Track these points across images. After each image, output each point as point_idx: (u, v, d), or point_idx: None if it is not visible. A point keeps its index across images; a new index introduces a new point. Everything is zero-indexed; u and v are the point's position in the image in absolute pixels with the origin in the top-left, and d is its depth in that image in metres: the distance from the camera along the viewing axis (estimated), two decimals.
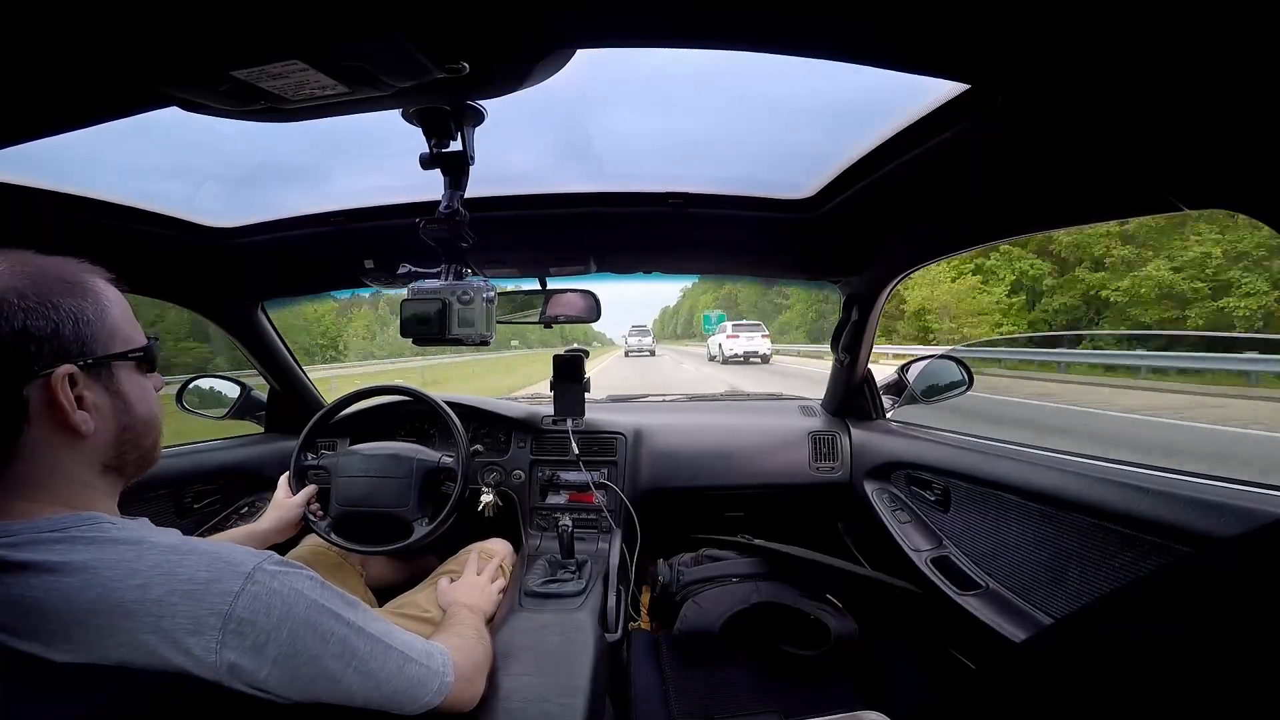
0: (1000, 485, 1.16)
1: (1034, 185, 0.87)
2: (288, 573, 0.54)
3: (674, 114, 0.96)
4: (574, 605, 1.16)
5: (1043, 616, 1.03)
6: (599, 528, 1.50)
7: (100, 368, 0.53)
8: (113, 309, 0.55)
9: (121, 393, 0.54)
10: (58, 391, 0.48)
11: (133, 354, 0.56)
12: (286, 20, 0.48)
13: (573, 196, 1.15)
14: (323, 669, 0.53)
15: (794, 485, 1.67)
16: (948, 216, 1.07)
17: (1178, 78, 0.52)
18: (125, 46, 0.52)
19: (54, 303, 0.49)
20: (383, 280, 1.29)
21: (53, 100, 0.61)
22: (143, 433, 0.57)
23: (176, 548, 0.51)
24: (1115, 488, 0.91)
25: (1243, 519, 0.73)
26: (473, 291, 0.83)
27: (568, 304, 1.42)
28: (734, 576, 1.55)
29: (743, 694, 1.38)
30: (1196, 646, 0.50)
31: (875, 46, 0.56)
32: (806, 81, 0.75)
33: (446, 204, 0.82)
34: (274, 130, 0.69)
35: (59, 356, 0.49)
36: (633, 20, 0.54)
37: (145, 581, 0.47)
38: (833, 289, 1.60)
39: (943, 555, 1.30)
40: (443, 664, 0.67)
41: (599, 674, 0.98)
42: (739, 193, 1.16)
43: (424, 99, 0.68)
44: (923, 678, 1.39)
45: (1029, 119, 0.70)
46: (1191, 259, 14.57)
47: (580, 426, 1.60)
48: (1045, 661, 0.74)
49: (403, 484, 1.29)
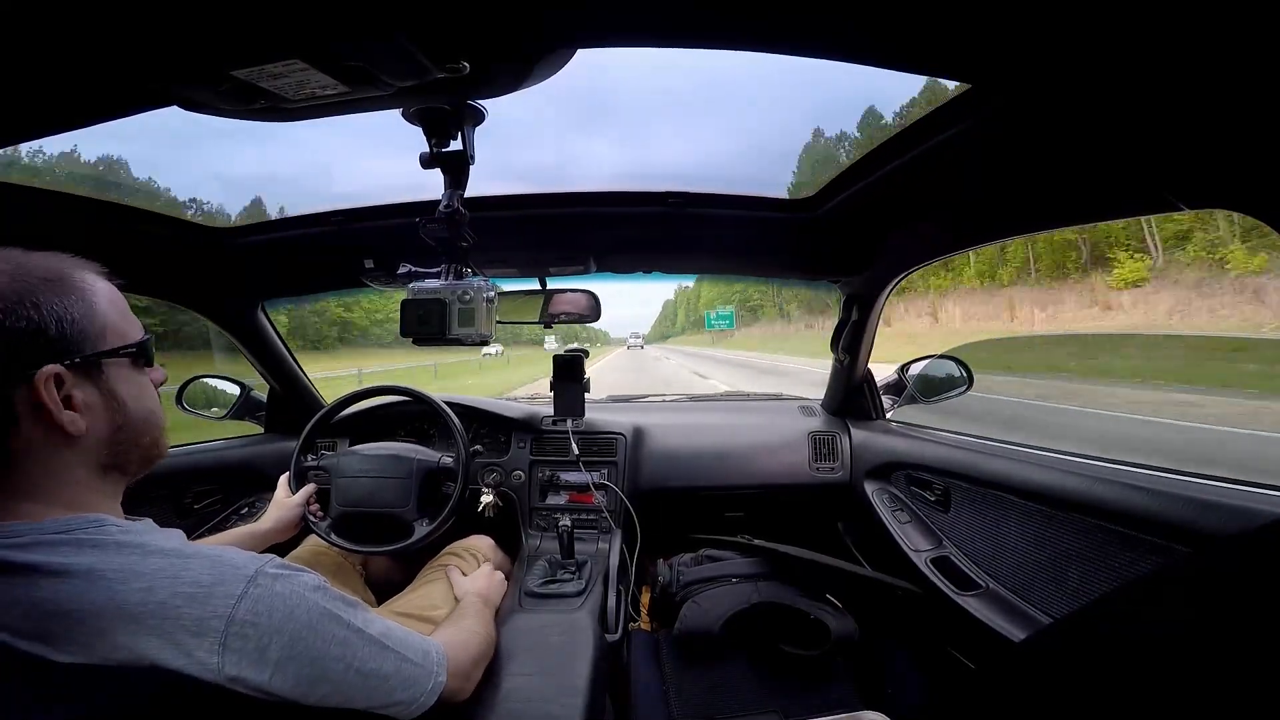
0: (1000, 485, 1.16)
1: (1034, 185, 0.87)
2: (290, 575, 0.54)
3: (673, 114, 0.96)
4: (574, 605, 1.16)
5: (1042, 616, 1.03)
6: (599, 528, 1.50)
7: (89, 366, 0.51)
8: (101, 305, 0.53)
9: (114, 391, 0.53)
10: (42, 393, 0.47)
11: (125, 350, 0.54)
12: (286, 20, 0.48)
13: (573, 196, 1.15)
14: (324, 671, 0.53)
15: (794, 485, 1.67)
16: (948, 216, 1.07)
17: (1177, 77, 0.52)
18: (125, 46, 0.52)
19: (34, 301, 0.48)
20: (383, 280, 1.29)
21: (53, 100, 0.61)
22: (140, 430, 0.56)
23: (180, 551, 0.51)
24: (1115, 487, 0.91)
25: (1243, 519, 0.74)
26: (473, 291, 0.83)
27: (568, 303, 1.41)
28: (734, 576, 1.54)
29: (743, 694, 1.38)
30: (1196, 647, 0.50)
31: (875, 46, 0.56)
32: (806, 81, 0.75)
33: (446, 203, 0.82)
34: (274, 130, 0.69)
35: (43, 357, 0.48)
36: (633, 20, 0.54)
37: (149, 584, 0.47)
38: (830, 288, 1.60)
39: (943, 555, 1.30)
40: (438, 663, 0.67)
41: (599, 674, 0.98)
42: (739, 192, 1.16)
43: (424, 99, 0.68)
44: (923, 678, 1.39)
45: (1029, 119, 0.70)
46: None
47: (580, 427, 1.60)
48: (1045, 661, 0.74)
49: (403, 484, 1.29)
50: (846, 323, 1.56)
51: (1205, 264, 17.13)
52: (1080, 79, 0.57)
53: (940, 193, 0.99)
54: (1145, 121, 0.62)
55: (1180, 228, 18.22)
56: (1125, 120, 0.63)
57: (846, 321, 1.55)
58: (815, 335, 30.03)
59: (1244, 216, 0.62)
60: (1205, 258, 17.16)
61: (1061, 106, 0.64)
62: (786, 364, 19.75)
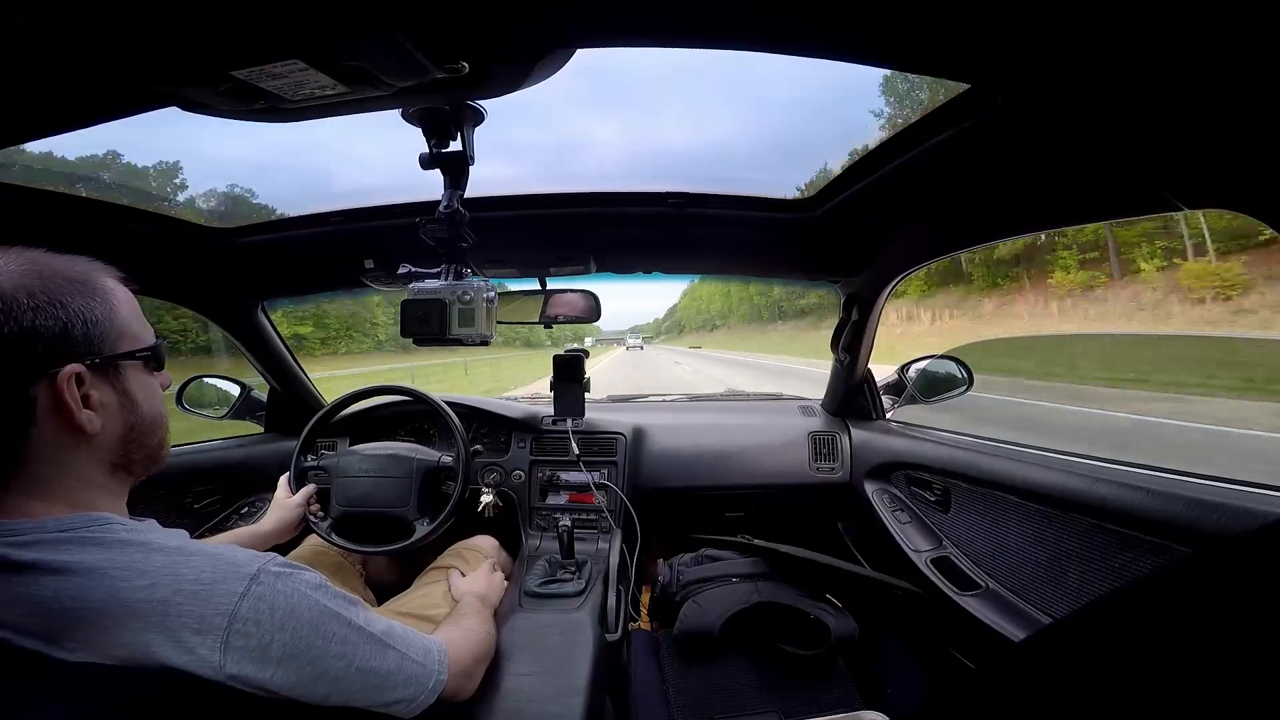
0: (1000, 485, 1.16)
1: (1034, 185, 0.87)
2: (291, 574, 0.54)
3: (674, 114, 0.96)
4: (574, 605, 1.16)
5: (1042, 617, 1.03)
6: (599, 528, 1.50)
7: (108, 367, 0.53)
8: (122, 308, 0.55)
9: (128, 392, 0.55)
10: (64, 391, 0.48)
11: (140, 353, 0.56)
12: (286, 20, 0.48)
13: (573, 196, 1.15)
14: (325, 669, 0.54)
15: (794, 485, 1.67)
16: (947, 216, 1.07)
17: (1177, 77, 0.52)
18: (126, 46, 0.52)
19: (63, 302, 0.49)
20: (383, 280, 1.29)
21: (53, 100, 0.61)
22: (149, 431, 0.57)
23: (183, 549, 0.51)
24: (1115, 488, 0.91)
25: (1243, 519, 0.73)
26: (473, 291, 0.83)
27: (568, 304, 1.41)
28: (734, 576, 1.54)
29: (742, 694, 1.38)
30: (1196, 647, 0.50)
31: (875, 46, 0.56)
32: (807, 81, 0.75)
33: (446, 204, 0.82)
34: (274, 130, 0.69)
35: (66, 356, 0.49)
36: (633, 20, 0.54)
37: (152, 581, 0.47)
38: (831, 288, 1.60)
39: (943, 555, 1.30)
40: (439, 661, 0.67)
41: (599, 674, 0.98)
42: (739, 193, 1.16)
43: (424, 99, 0.68)
44: (922, 678, 1.38)
45: (1029, 119, 0.70)
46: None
47: (580, 427, 1.60)
48: (1045, 661, 0.74)
49: (403, 484, 1.29)
50: (846, 323, 1.55)
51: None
52: (1080, 79, 0.57)
53: (940, 193, 0.99)
54: (1145, 121, 0.61)
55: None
56: (1125, 120, 0.63)
57: (846, 321, 1.55)
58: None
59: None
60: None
61: (1061, 106, 0.64)
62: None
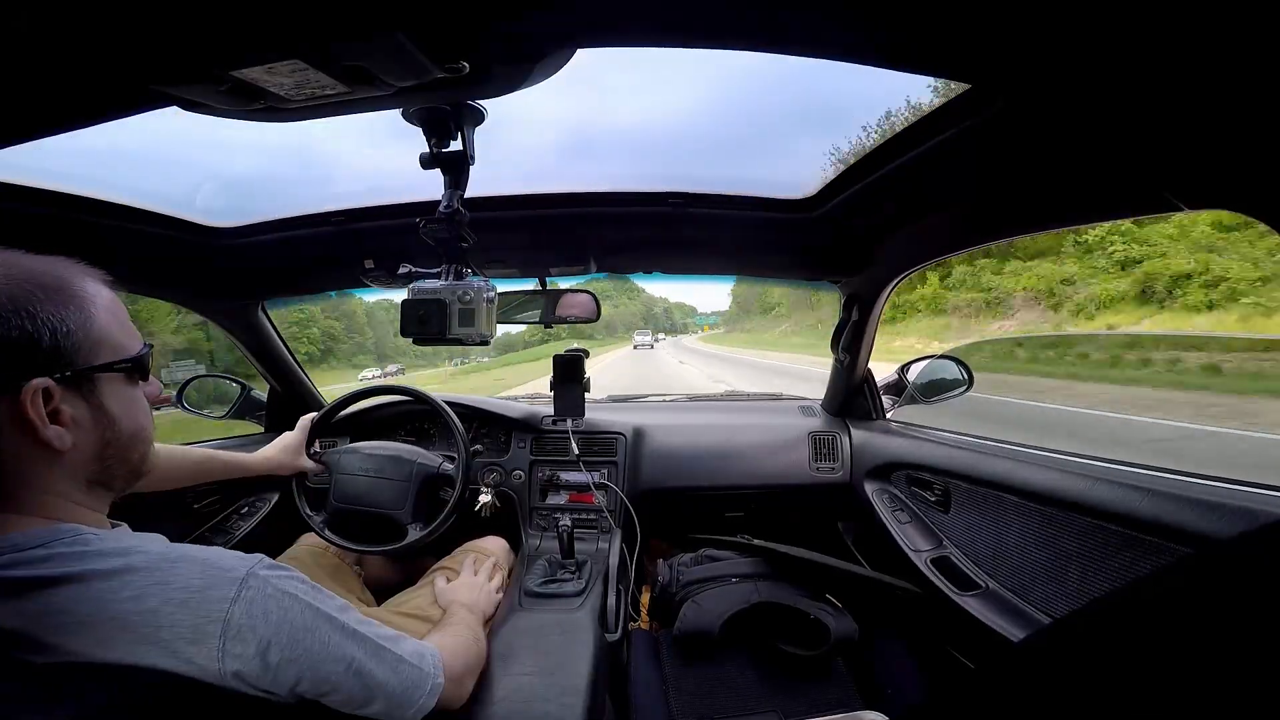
0: (1000, 486, 1.16)
1: (1034, 185, 0.87)
2: (280, 576, 0.53)
3: (674, 114, 0.96)
4: (574, 605, 1.16)
5: (1042, 617, 1.03)
6: (599, 528, 1.50)
7: (81, 380, 0.49)
8: (100, 315, 0.51)
9: (104, 407, 0.51)
10: (27, 407, 0.45)
11: (120, 365, 0.52)
12: (286, 20, 0.48)
13: (573, 196, 1.15)
14: (324, 673, 0.53)
15: (794, 486, 1.67)
16: (947, 216, 1.07)
17: (1177, 78, 0.52)
18: (126, 46, 0.51)
19: (30, 310, 0.46)
20: (383, 280, 1.29)
21: (53, 100, 0.61)
22: (128, 446, 0.54)
23: (166, 555, 0.49)
24: (1115, 488, 0.91)
25: (1243, 519, 0.73)
26: (473, 291, 0.83)
27: (568, 304, 1.42)
28: (734, 576, 1.54)
29: (742, 694, 1.38)
30: (1196, 647, 0.50)
31: (876, 46, 0.56)
32: (807, 81, 0.75)
33: (446, 204, 0.82)
34: (274, 130, 0.69)
35: (32, 369, 0.46)
36: (633, 20, 0.53)
37: (138, 593, 0.46)
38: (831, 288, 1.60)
39: (943, 556, 1.30)
40: (434, 665, 0.67)
41: (599, 674, 0.98)
42: (739, 193, 1.16)
43: (424, 99, 0.68)
44: (922, 678, 1.38)
45: (1029, 119, 0.70)
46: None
47: (580, 427, 1.60)
48: (1045, 661, 0.74)
49: (401, 487, 1.29)
50: (846, 323, 1.55)
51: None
52: (1080, 79, 0.57)
53: (940, 193, 0.99)
54: (1145, 122, 0.61)
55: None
56: (1125, 120, 0.63)
57: (846, 321, 1.55)
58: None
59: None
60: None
61: (1061, 107, 0.64)
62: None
